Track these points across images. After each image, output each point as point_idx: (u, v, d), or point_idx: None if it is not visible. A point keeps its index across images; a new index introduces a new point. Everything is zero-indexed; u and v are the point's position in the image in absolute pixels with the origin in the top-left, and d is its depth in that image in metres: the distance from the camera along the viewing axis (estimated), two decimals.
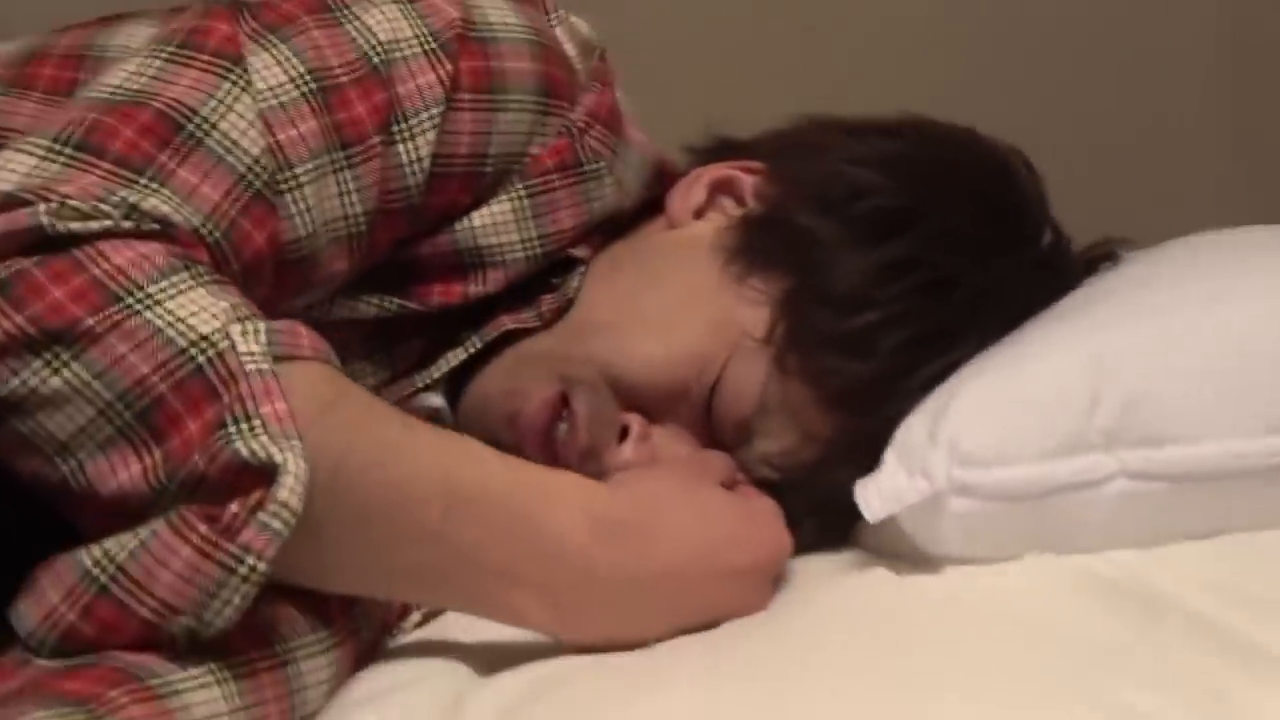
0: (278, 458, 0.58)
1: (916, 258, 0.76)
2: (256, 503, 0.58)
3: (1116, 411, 0.66)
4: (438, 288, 0.79)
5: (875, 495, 0.66)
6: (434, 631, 0.71)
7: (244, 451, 0.58)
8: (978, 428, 0.66)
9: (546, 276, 0.81)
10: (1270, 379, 0.66)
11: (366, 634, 0.68)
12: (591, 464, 0.77)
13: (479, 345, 0.81)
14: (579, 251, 0.81)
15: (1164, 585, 0.61)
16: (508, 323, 0.80)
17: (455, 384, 0.82)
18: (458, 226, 0.78)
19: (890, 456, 0.67)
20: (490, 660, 0.66)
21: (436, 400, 0.82)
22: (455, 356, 0.81)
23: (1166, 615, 0.58)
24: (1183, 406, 0.66)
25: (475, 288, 0.79)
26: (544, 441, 0.77)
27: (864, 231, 0.77)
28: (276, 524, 0.57)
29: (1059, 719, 0.52)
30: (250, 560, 0.57)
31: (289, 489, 0.58)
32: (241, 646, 0.60)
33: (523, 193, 0.79)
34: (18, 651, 0.60)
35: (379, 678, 0.65)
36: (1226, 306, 0.69)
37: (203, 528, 0.58)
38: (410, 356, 0.81)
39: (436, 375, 0.81)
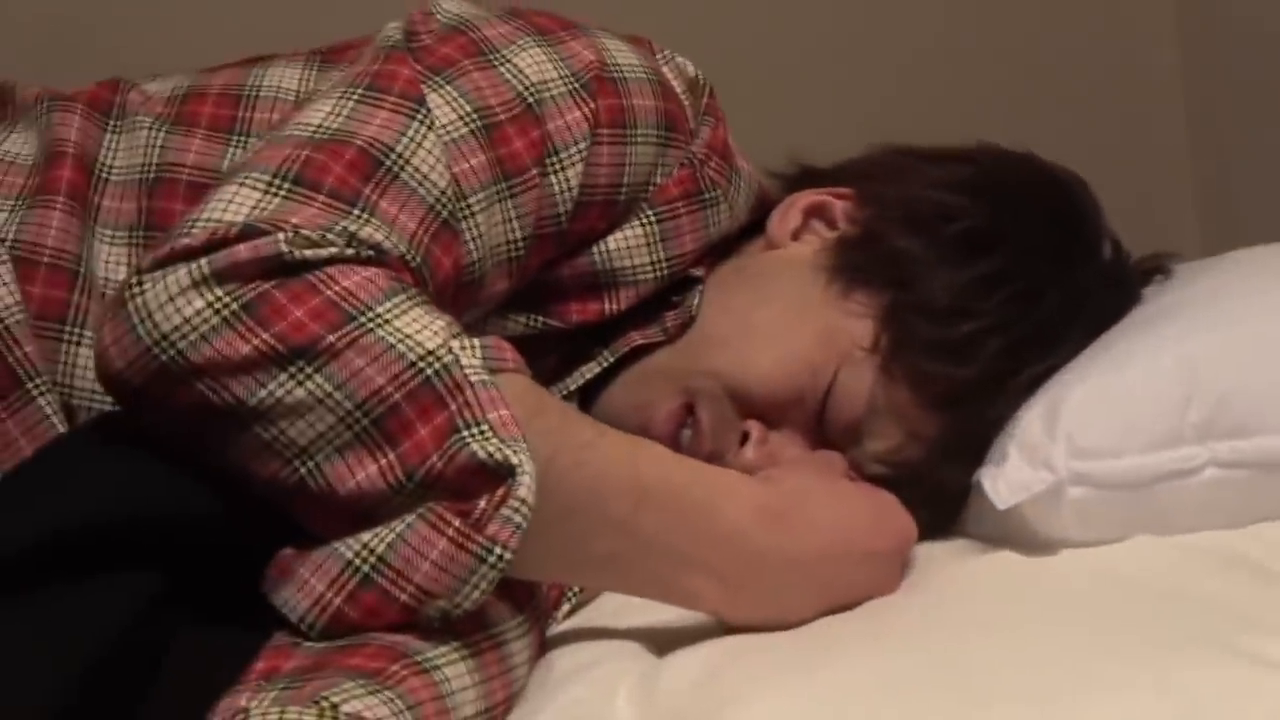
0: (514, 459, 0.66)
1: (1006, 272, 0.85)
2: (501, 499, 0.65)
3: (1207, 407, 0.76)
4: (575, 306, 0.88)
5: (1004, 486, 0.76)
6: (587, 619, 0.80)
7: (481, 453, 0.66)
8: (1090, 425, 0.76)
9: (667, 295, 0.90)
10: None
11: (543, 621, 0.76)
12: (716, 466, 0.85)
13: (611, 360, 0.89)
14: (698, 271, 0.91)
15: (1263, 558, 0.71)
16: (637, 338, 0.89)
17: (584, 396, 0.91)
18: (595, 250, 0.87)
19: (1013, 451, 0.77)
20: (661, 642, 0.74)
21: None
22: (589, 370, 0.90)
23: (1276, 579, 0.69)
24: (1263, 403, 0.76)
25: (611, 306, 0.88)
26: (673, 448, 0.84)
27: (955, 250, 0.87)
28: (518, 518, 0.65)
29: (1198, 662, 0.61)
30: (498, 550, 0.65)
31: (527, 487, 0.66)
32: (468, 630, 0.68)
33: (652, 218, 0.88)
34: (284, 635, 0.67)
35: (573, 657, 0.73)
36: None
37: (456, 522, 0.65)
38: (545, 371, 0.89)
39: (573, 387, 0.90)
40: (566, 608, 0.82)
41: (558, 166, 0.82)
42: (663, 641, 0.75)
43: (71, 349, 0.79)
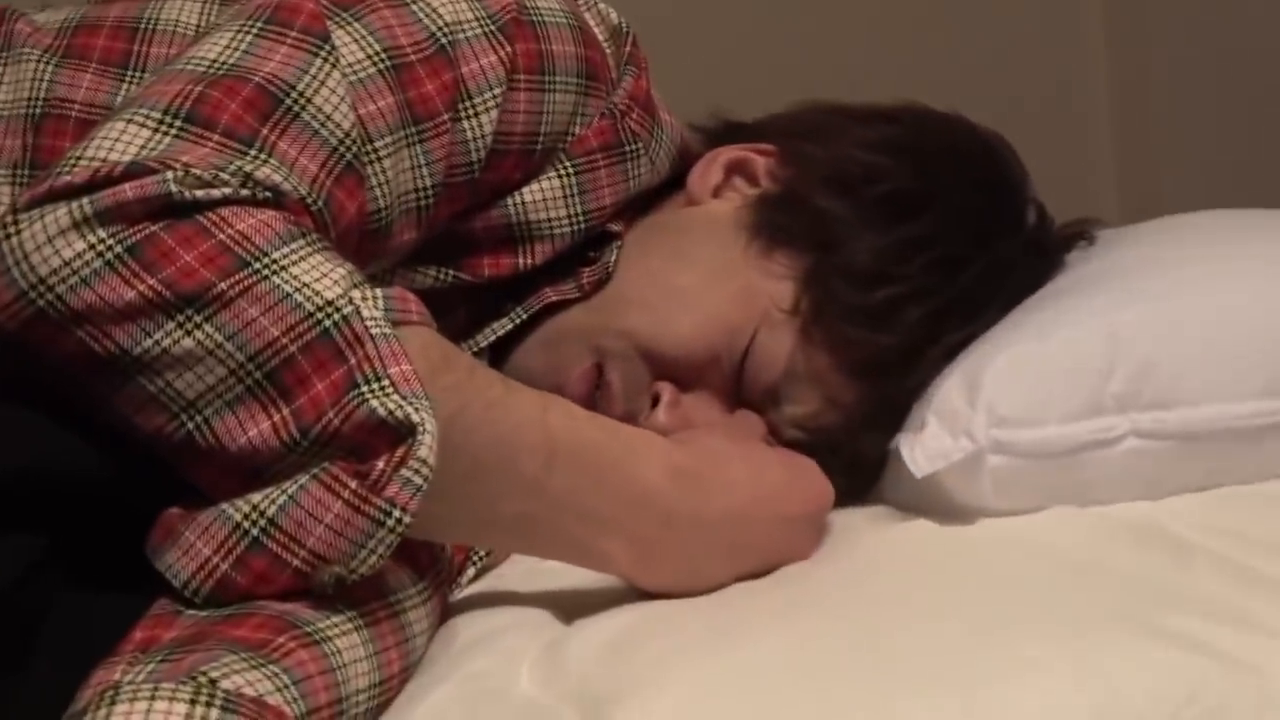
0: (414, 417, 0.63)
1: (931, 237, 0.84)
2: (400, 459, 0.63)
3: (1128, 379, 0.75)
4: (488, 260, 0.85)
5: (922, 454, 0.75)
6: (492, 584, 0.78)
7: (381, 410, 0.63)
8: (1011, 393, 0.75)
9: (584, 250, 0.88)
10: (1260, 350, 0.76)
11: (446, 587, 0.74)
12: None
13: (524, 316, 0.87)
14: (615, 226, 0.88)
15: (1181, 530, 0.71)
16: (551, 295, 0.87)
17: (496, 353, 0.88)
18: (510, 201, 0.84)
19: (931, 420, 0.76)
20: (570, 609, 0.73)
21: None
22: (501, 326, 0.87)
23: (1194, 554, 0.68)
24: (1185, 374, 0.76)
25: (525, 260, 0.85)
26: (587, 409, 0.82)
27: (880, 212, 0.85)
28: (418, 479, 0.63)
29: (1116, 643, 0.61)
30: (396, 513, 0.62)
31: (428, 446, 0.63)
32: (364, 598, 0.65)
33: (570, 170, 0.85)
34: (166, 602, 0.64)
35: (475, 625, 0.71)
36: (1221, 287, 0.79)
37: (353, 483, 0.63)
38: (454, 325, 0.87)
39: (484, 344, 0.87)
40: (472, 571, 0.80)
41: (470, 112, 0.79)
42: (572, 608, 0.73)
43: None
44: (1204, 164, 1.47)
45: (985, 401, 0.75)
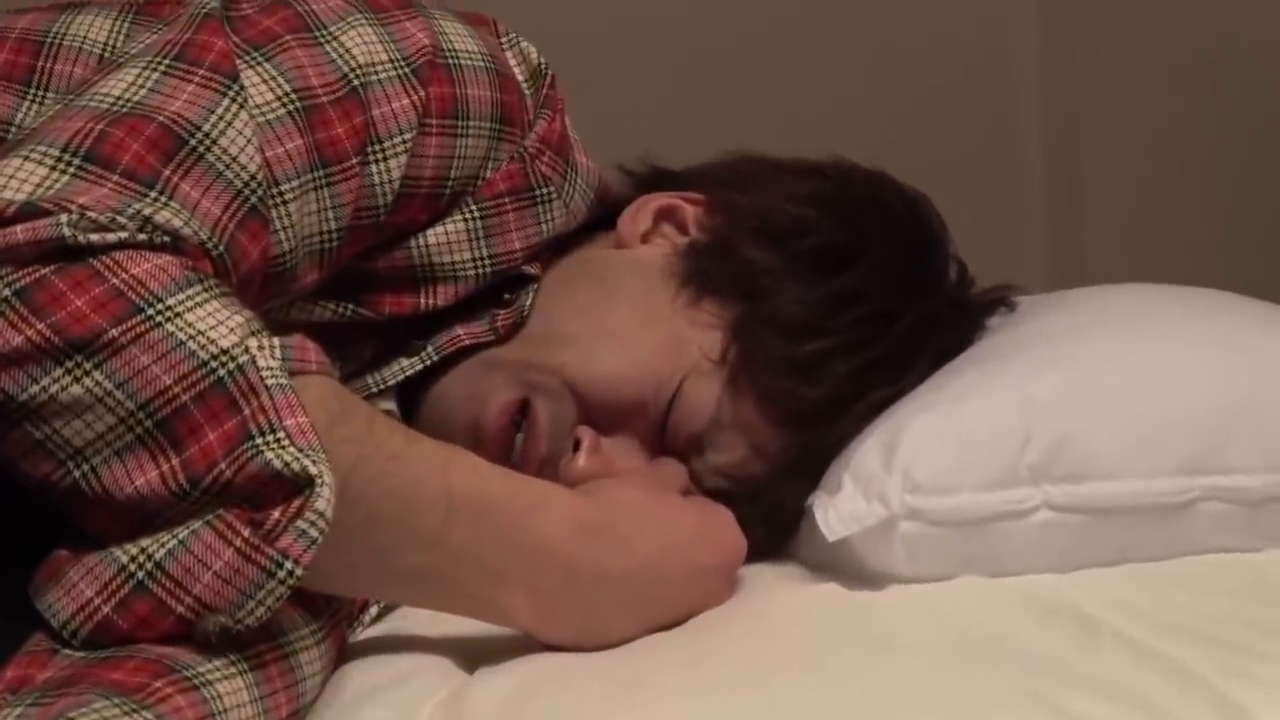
0: (312, 470, 0.64)
1: (859, 291, 0.86)
2: (296, 511, 0.63)
3: (1044, 450, 0.77)
4: (389, 298, 0.86)
5: (835, 517, 0.76)
6: (396, 626, 0.78)
7: (276, 463, 0.63)
8: (927, 459, 0.77)
9: (498, 290, 0.89)
10: (1174, 428, 0.78)
11: (344, 626, 0.74)
12: (548, 472, 0.84)
13: (435, 358, 0.87)
14: (531, 269, 0.89)
15: (1088, 606, 0.72)
16: (464, 337, 0.87)
17: (407, 390, 0.89)
18: (413, 243, 0.85)
19: (847, 482, 0.77)
20: (474, 655, 0.73)
21: (388, 404, 0.89)
22: (410, 365, 0.88)
23: (1100, 632, 0.69)
24: (1102, 448, 0.78)
25: (427, 301, 0.86)
26: (504, 446, 0.84)
27: (808, 265, 0.87)
28: (314, 532, 0.63)
29: None
30: (289, 565, 0.63)
31: (326, 500, 0.64)
32: (251, 640, 0.65)
33: (476, 214, 0.86)
34: (43, 639, 0.64)
35: (371, 672, 0.71)
36: (1139, 361, 0.82)
37: (246, 532, 0.63)
38: (360, 359, 0.88)
39: (391, 382, 0.88)
40: (374, 611, 0.80)
41: (380, 156, 0.80)
42: (476, 654, 0.74)
43: None
44: (1134, 234, 1.51)
45: (901, 466, 0.76)
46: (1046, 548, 0.77)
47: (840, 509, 0.76)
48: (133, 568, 0.64)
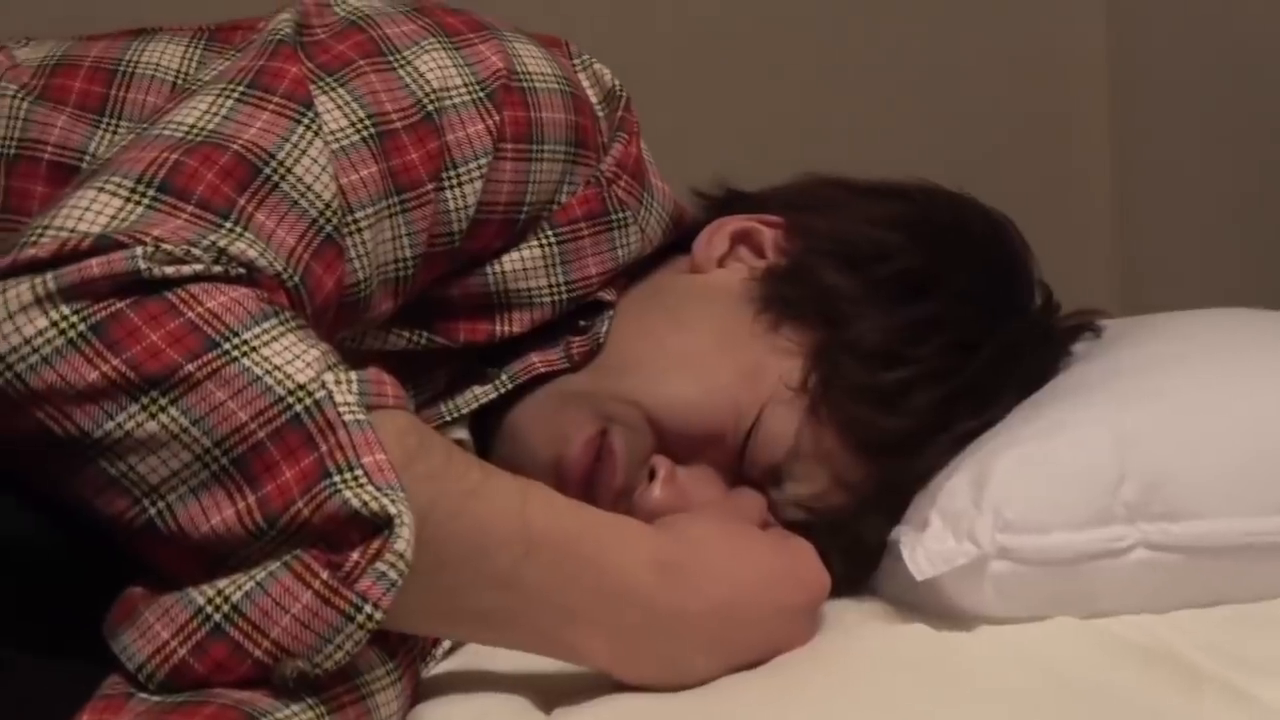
0: (391, 510, 0.63)
1: (942, 318, 0.84)
2: (376, 553, 0.62)
3: (1140, 487, 0.75)
4: (464, 326, 0.85)
5: (924, 556, 0.74)
6: (470, 661, 0.77)
7: (355, 502, 0.62)
8: (1018, 497, 0.75)
9: (573, 317, 0.88)
10: (1277, 462, 0.76)
11: (418, 663, 0.73)
12: (623, 504, 0.83)
13: (509, 386, 0.87)
14: (607, 295, 0.88)
15: (1187, 652, 0.71)
16: (539, 365, 0.86)
17: (481, 416, 0.88)
18: (489, 269, 0.84)
19: (935, 519, 0.76)
20: (548, 694, 0.72)
21: (461, 432, 0.88)
22: (485, 394, 0.87)
23: (1200, 682, 0.68)
24: (1199, 485, 0.76)
25: (502, 328, 0.85)
26: (587, 483, 0.83)
27: (890, 292, 0.85)
28: (393, 574, 0.62)
29: None
30: (368, 609, 0.62)
31: (406, 540, 0.63)
32: (328, 683, 0.64)
33: (552, 239, 0.85)
34: (119, 682, 0.64)
35: (449, 711, 0.70)
36: (1236, 391, 0.80)
37: (324, 574, 0.62)
38: (435, 386, 0.87)
39: (465, 410, 0.87)
40: (447, 645, 0.79)
41: (455, 182, 0.79)
42: (553, 693, 0.73)
43: None
44: (1204, 254, 1.48)
45: (992, 503, 0.75)
46: (1142, 588, 0.75)
47: (929, 548, 0.75)
48: (209, 610, 0.63)
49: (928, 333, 0.84)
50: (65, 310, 0.63)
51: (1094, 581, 0.75)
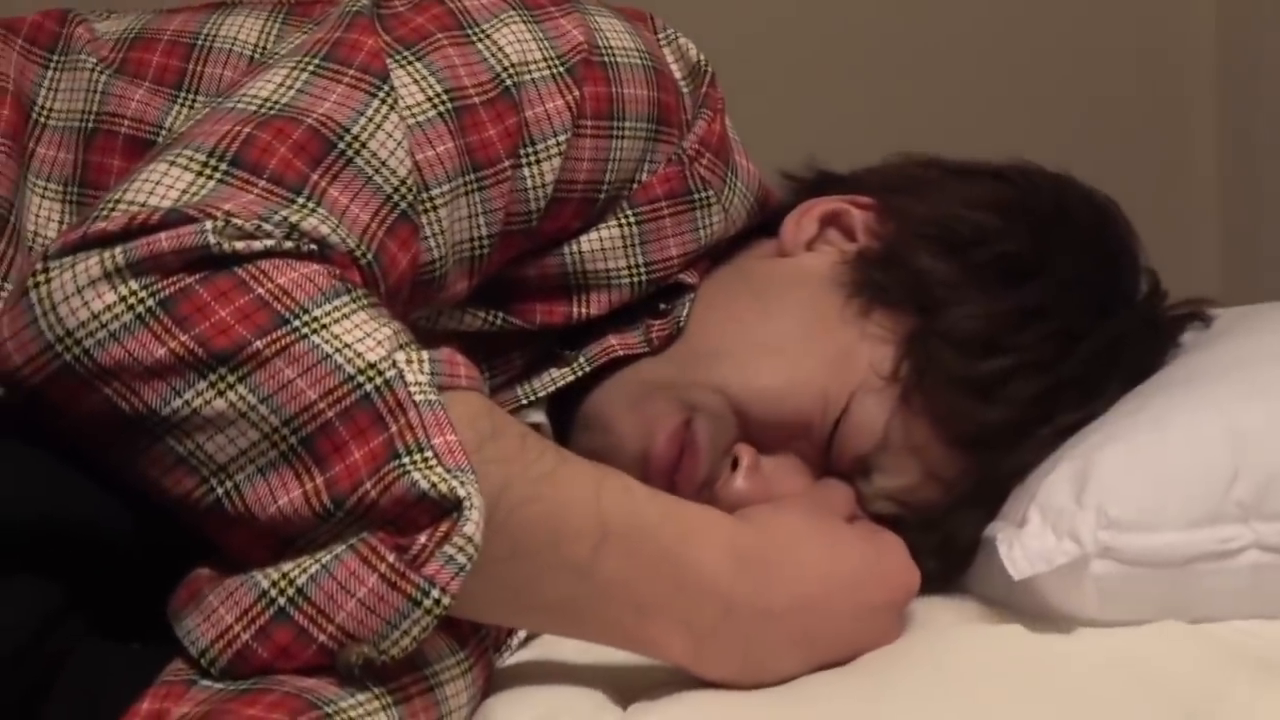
0: (460, 492, 0.62)
1: (1044, 306, 0.81)
2: (444, 535, 0.61)
3: (1255, 486, 0.72)
4: (541, 307, 0.84)
5: (1021, 555, 0.72)
6: (545, 653, 0.76)
7: (424, 484, 0.61)
8: (1123, 494, 0.72)
9: (653, 300, 0.86)
10: None
11: (490, 653, 0.72)
12: (705, 493, 0.82)
13: (587, 369, 0.85)
14: (688, 278, 0.86)
15: None
16: (617, 348, 0.85)
17: (559, 399, 0.87)
18: (566, 249, 0.83)
19: (1034, 515, 0.73)
20: (624, 689, 0.71)
21: (538, 416, 0.87)
22: (562, 376, 0.86)
23: None
24: None
25: (580, 310, 0.84)
26: (672, 474, 0.82)
27: (988, 276, 0.82)
28: (461, 558, 0.61)
29: None
30: (435, 593, 0.61)
31: (475, 524, 0.62)
32: (395, 672, 0.63)
33: (632, 219, 0.83)
34: (181, 667, 0.63)
35: (519, 706, 0.69)
36: None
37: (391, 557, 0.61)
38: (510, 369, 0.86)
39: (542, 394, 0.86)
40: (522, 635, 0.78)
41: (533, 159, 0.78)
42: (630, 687, 0.71)
43: None
44: None
45: (1095, 500, 0.72)
46: (1254, 592, 0.72)
47: (1028, 545, 0.72)
48: (274, 593, 0.62)
49: (1028, 321, 0.81)
50: (134, 285, 0.63)
51: (1203, 585, 0.72)
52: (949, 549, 0.80)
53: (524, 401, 0.86)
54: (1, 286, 0.76)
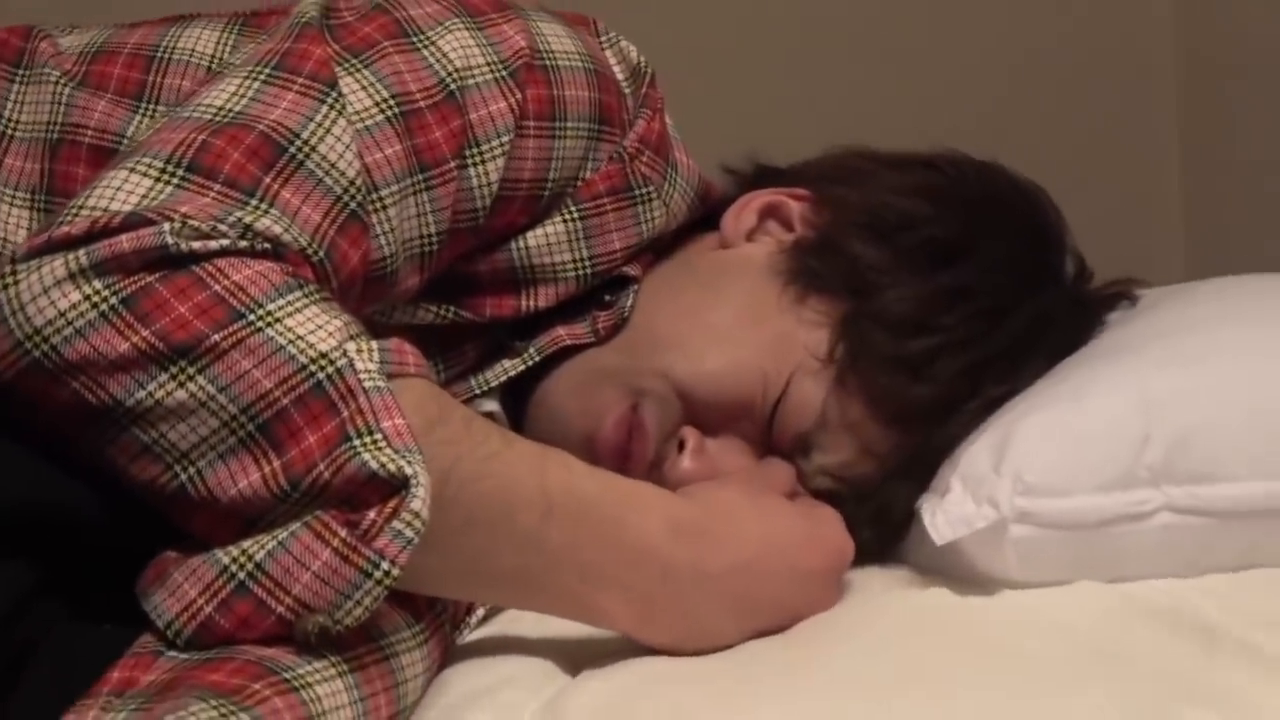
0: (408, 470, 0.66)
1: (971, 287, 0.86)
2: (392, 512, 0.66)
3: (1165, 450, 0.77)
4: (490, 300, 0.89)
5: (944, 520, 0.76)
6: (501, 629, 0.80)
7: (373, 464, 0.66)
8: (1039, 460, 0.77)
9: (599, 291, 0.91)
10: None
11: (447, 628, 0.76)
12: (654, 475, 0.86)
13: (537, 358, 0.90)
14: (632, 270, 0.91)
15: (1211, 614, 0.72)
16: (565, 337, 0.90)
17: (511, 390, 0.92)
18: (514, 245, 0.87)
19: (956, 484, 0.78)
20: (574, 658, 0.75)
21: (492, 405, 0.92)
22: (513, 367, 0.90)
23: (1223, 643, 0.69)
24: (1227, 447, 0.77)
25: (528, 303, 0.89)
26: (621, 457, 0.86)
27: (918, 260, 0.87)
28: (409, 532, 0.66)
29: None
30: (385, 565, 0.66)
31: (421, 500, 0.66)
32: (351, 642, 0.68)
33: (576, 215, 0.88)
34: (150, 640, 0.68)
35: (473, 676, 0.74)
36: (1266, 354, 0.81)
37: (343, 532, 0.66)
38: (463, 361, 0.91)
39: (494, 384, 0.91)
40: (480, 613, 0.83)
41: (478, 159, 0.82)
42: (580, 657, 0.76)
43: None
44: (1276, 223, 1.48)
45: (1012, 467, 0.77)
46: (1167, 552, 0.77)
47: (949, 512, 0.77)
48: (234, 568, 0.67)
49: (955, 301, 0.86)
50: (97, 285, 0.68)
51: (1117, 546, 0.77)
52: (883, 520, 0.85)
53: (477, 391, 0.91)
54: None
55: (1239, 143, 1.52)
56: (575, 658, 0.76)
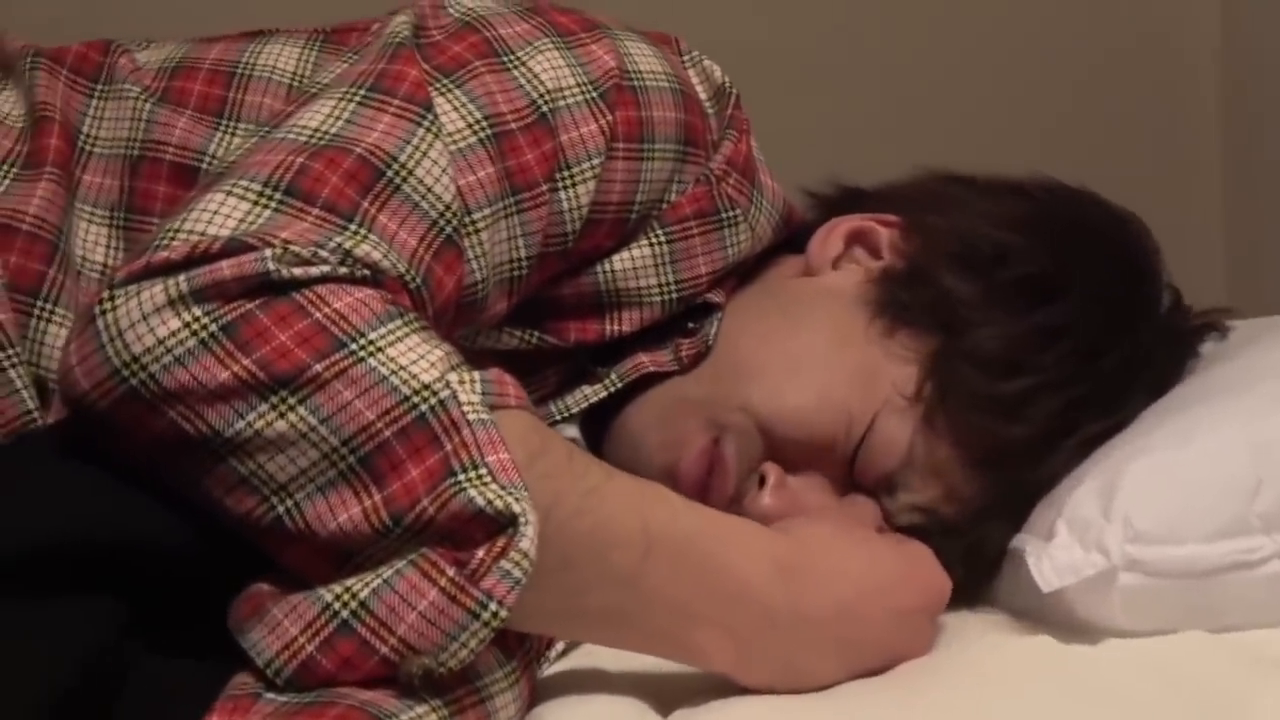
0: (515, 508, 0.65)
1: (1066, 325, 0.85)
2: (500, 550, 0.65)
3: (1277, 498, 0.76)
4: (575, 325, 0.88)
5: (1050, 567, 0.76)
6: (584, 662, 0.79)
7: (480, 500, 0.65)
8: (1149, 506, 0.76)
9: (681, 319, 0.90)
10: None
11: (535, 665, 0.75)
12: (733, 509, 0.85)
13: (618, 385, 0.90)
14: (715, 296, 0.90)
15: None
16: (647, 364, 0.89)
17: (592, 416, 0.91)
18: (600, 269, 0.87)
19: (1061, 528, 0.77)
20: (665, 697, 0.74)
21: (572, 431, 0.91)
22: (595, 393, 0.90)
23: None
24: None
25: (612, 327, 0.88)
26: (701, 491, 0.85)
27: (1012, 296, 0.86)
28: (517, 572, 0.65)
29: None
30: (493, 606, 0.65)
31: (530, 539, 0.65)
32: (451, 685, 0.67)
33: (662, 238, 0.87)
34: (247, 680, 0.67)
35: (564, 716, 0.73)
36: None
37: (450, 571, 0.65)
38: (546, 386, 0.90)
39: (575, 410, 0.90)
40: (560, 646, 0.81)
41: (569, 182, 0.82)
42: (671, 695, 0.75)
43: (41, 324, 0.79)
44: None
45: (1121, 513, 0.76)
46: (1277, 601, 0.76)
47: (1056, 558, 0.76)
48: (337, 606, 0.66)
49: (1050, 340, 0.85)
50: (197, 312, 0.67)
51: (1227, 594, 0.76)
52: (975, 558, 0.84)
53: (558, 417, 0.90)
54: (52, 311, 0.79)
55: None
56: (663, 696, 0.75)
